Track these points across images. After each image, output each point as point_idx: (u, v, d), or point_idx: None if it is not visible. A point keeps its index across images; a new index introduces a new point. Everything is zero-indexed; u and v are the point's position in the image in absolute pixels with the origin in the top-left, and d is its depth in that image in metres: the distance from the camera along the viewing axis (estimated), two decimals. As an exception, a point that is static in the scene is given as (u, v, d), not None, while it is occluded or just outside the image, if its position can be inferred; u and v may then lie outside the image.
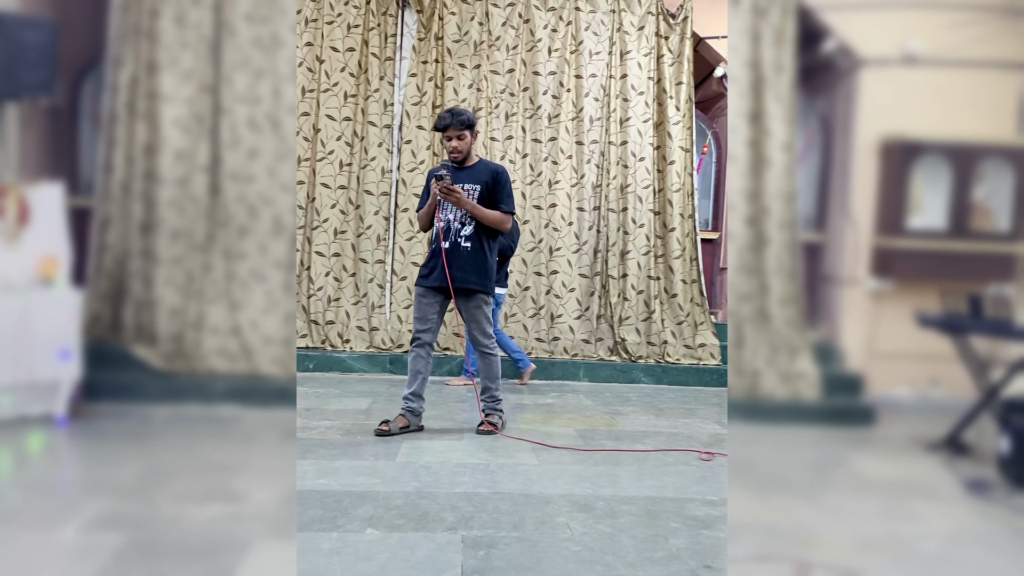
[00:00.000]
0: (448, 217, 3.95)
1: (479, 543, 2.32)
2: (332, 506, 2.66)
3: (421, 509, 2.66)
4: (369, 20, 7.06)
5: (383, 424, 3.92)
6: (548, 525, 2.54)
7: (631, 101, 7.21)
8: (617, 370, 6.85)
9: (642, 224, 7.17)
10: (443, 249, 3.89)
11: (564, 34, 7.17)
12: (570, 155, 7.18)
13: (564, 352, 7.06)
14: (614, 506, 2.80)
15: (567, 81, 7.16)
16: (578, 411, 5.06)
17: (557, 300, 7.11)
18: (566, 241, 7.15)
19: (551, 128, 7.17)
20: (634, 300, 7.11)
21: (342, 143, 7.04)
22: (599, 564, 2.19)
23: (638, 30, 7.21)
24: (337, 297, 6.98)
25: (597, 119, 7.21)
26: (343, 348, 6.87)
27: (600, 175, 7.21)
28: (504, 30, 7.13)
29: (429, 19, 7.10)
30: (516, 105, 7.13)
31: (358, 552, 2.21)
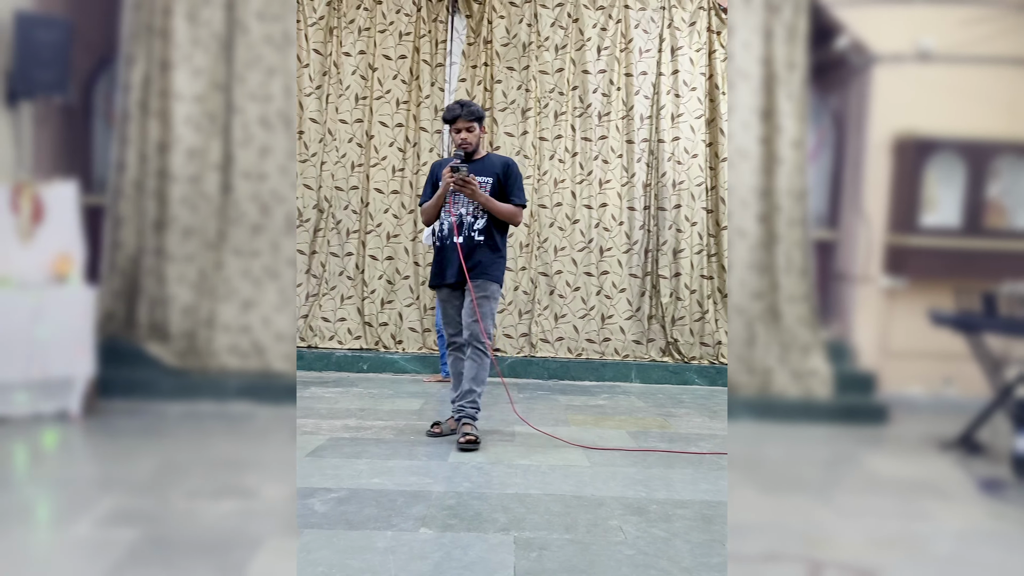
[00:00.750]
0: (460, 211, 3.82)
1: (531, 544, 2.32)
2: (387, 505, 2.67)
3: (473, 509, 2.66)
4: (420, 27, 7.14)
5: (434, 426, 3.93)
6: (601, 528, 2.52)
7: (683, 97, 7.15)
8: (670, 371, 6.77)
9: (695, 222, 7.11)
10: (457, 244, 3.76)
11: (614, 32, 7.15)
12: (620, 154, 7.15)
13: (615, 353, 7.02)
14: (668, 510, 2.76)
15: (617, 79, 7.14)
16: (630, 413, 5.01)
17: (608, 300, 7.08)
18: (616, 241, 7.12)
19: (601, 126, 7.15)
20: (687, 300, 7.04)
21: (394, 149, 7.14)
22: (654, 569, 2.16)
23: (689, 26, 7.17)
24: (390, 299, 7.06)
25: (647, 117, 7.17)
26: (396, 350, 6.96)
27: (650, 173, 7.18)
28: (553, 30, 7.15)
29: (478, 24, 7.15)
30: (565, 104, 7.13)
31: (412, 551, 2.22)
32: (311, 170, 7.12)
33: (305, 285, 7.08)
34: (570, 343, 6.99)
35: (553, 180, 7.12)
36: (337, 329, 6.98)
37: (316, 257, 7.12)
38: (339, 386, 5.67)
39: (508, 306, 7.00)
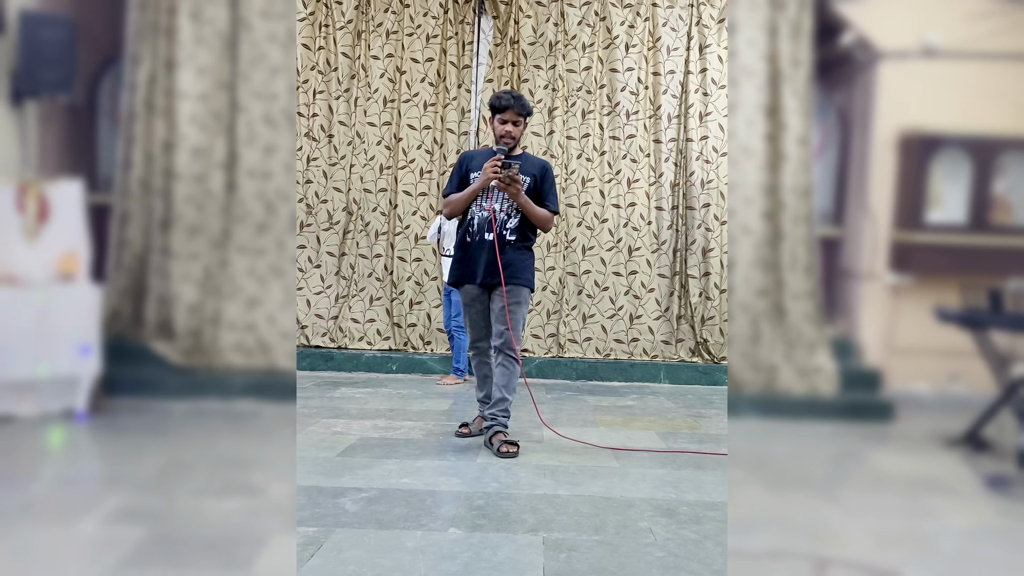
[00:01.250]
0: (495, 207, 3.62)
1: (560, 546, 2.31)
2: (416, 505, 2.67)
3: (502, 510, 2.66)
4: (447, 29, 7.16)
5: (463, 427, 3.87)
6: (630, 529, 2.50)
7: (711, 95, 7.13)
8: (699, 372, 6.73)
9: (724, 221, 7.04)
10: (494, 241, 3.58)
11: (642, 30, 7.14)
12: (648, 153, 7.14)
13: (644, 353, 7.00)
14: (699, 511, 2.73)
15: (645, 78, 7.13)
16: (659, 413, 4.97)
17: (636, 300, 7.07)
18: (645, 241, 7.10)
19: (630, 125, 7.13)
20: (717, 299, 7.00)
21: (422, 151, 7.16)
22: (684, 571, 2.14)
23: (718, 23, 7.13)
24: (419, 300, 7.09)
25: (676, 116, 7.16)
26: (424, 350, 6.99)
27: (678, 173, 7.16)
28: (580, 28, 7.15)
29: (505, 24, 7.15)
30: (593, 102, 7.12)
31: (441, 551, 2.22)
32: (340, 173, 7.16)
33: (335, 287, 7.11)
34: (598, 343, 6.98)
35: (581, 179, 7.11)
36: (367, 330, 7.01)
37: (345, 259, 7.15)
38: (368, 386, 5.69)
39: (536, 306, 6.99)
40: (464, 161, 3.77)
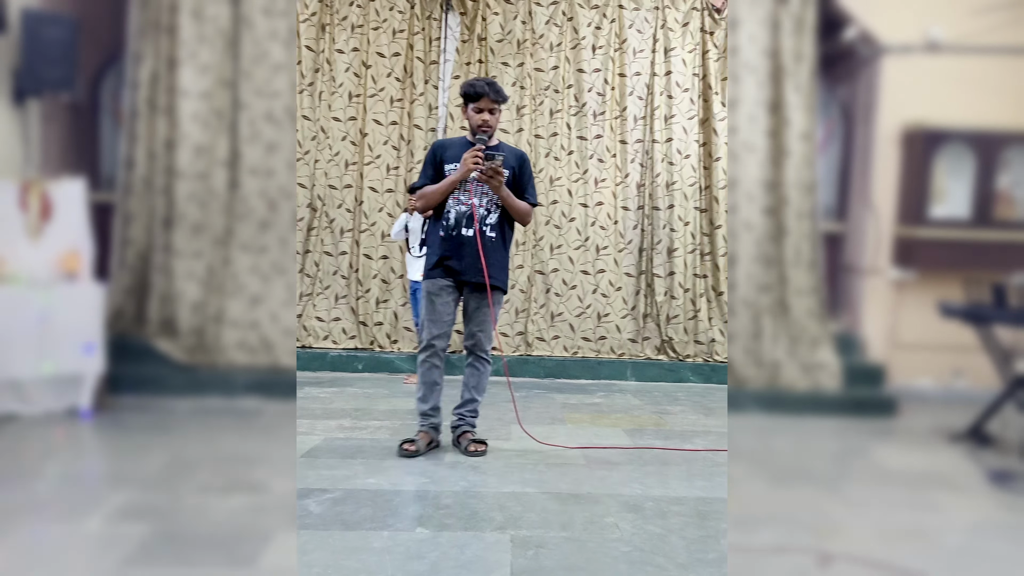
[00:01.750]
0: (474, 201, 3.43)
1: (528, 543, 2.31)
2: (382, 505, 2.66)
3: (470, 508, 2.66)
4: (414, 24, 7.12)
5: (407, 444, 3.44)
6: (597, 525, 2.52)
7: (676, 98, 7.18)
8: (665, 369, 6.80)
9: (688, 221, 7.13)
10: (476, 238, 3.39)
11: (608, 32, 7.15)
12: (615, 153, 7.17)
13: (611, 351, 7.03)
14: (664, 507, 2.76)
15: (611, 79, 7.15)
16: (626, 411, 5.01)
17: (604, 299, 7.09)
18: (612, 240, 7.13)
19: (596, 125, 7.15)
20: (681, 298, 7.06)
21: (388, 147, 7.11)
22: (650, 565, 2.16)
23: (682, 26, 7.18)
24: (385, 299, 7.03)
25: (641, 117, 7.19)
26: (391, 349, 6.93)
27: (644, 174, 7.19)
28: (548, 28, 7.14)
29: (472, 20, 7.13)
30: (561, 102, 7.13)
31: (409, 551, 2.21)
32: (304, 168, 7.07)
33: (299, 284, 7.03)
34: (566, 341, 6.99)
35: (549, 178, 7.11)
36: (332, 329, 6.95)
37: (310, 256, 7.07)
38: (334, 386, 5.64)
39: (505, 304, 6.97)
40: (437, 151, 3.54)
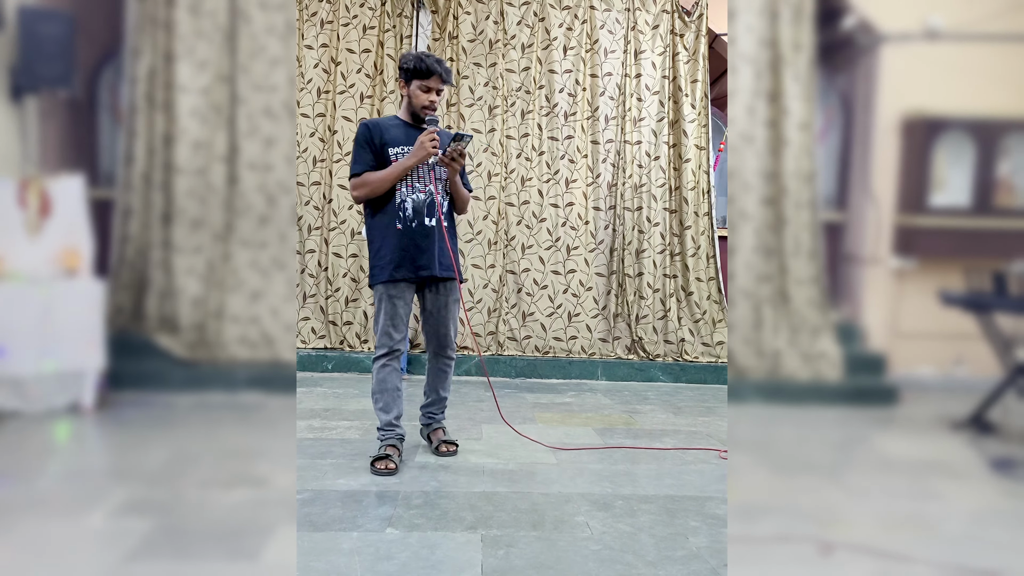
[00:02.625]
0: (430, 188, 3.16)
1: (499, 542, 2.32)
2: (352, 506, 2.65)
3: (440, 508, 2.65)
4: (384, 22, 7.06)
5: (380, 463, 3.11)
6: (567, 524, 2.53)
7: (645, 101, 7.20)
8: (635, 369, 6.82)
9: (657, 223, 7.16)
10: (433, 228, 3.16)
11: (580, 32, 7.15)
12: (586, 154, 7.18)
13: (582, 351, 7.05)
14: (633, 505, 2.78)
15: (583, 80, 7.15)
16: (596, 410, 5.02)
17: (574, 299, 7.10)
18: (583, 240, 7.14)
19: (568, 126, 7.15)
20: (651, 298, 7.10)
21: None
22: (619, 563, 2.17)
23: (652, 28, 7.19)
24: (355, 298, 6.98)
25: (612, 118, 7.20)
26: (361, 349, 6.87)
27: (616, 174, 7.21)
28: (519, 28, 7.12)
29: (444, 19, 7.09)
30: (532, 103, 7.11)
31: (378, 552, 2.20)
32: None
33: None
34: (537, 341, 6.98)
35: (520, 178, 7.10)
36: (300, 328, 6.91)
37: None
38: (303, 386, 5.58)
39: (477, 304, 6.98)
40: (375, 132, 3.17)
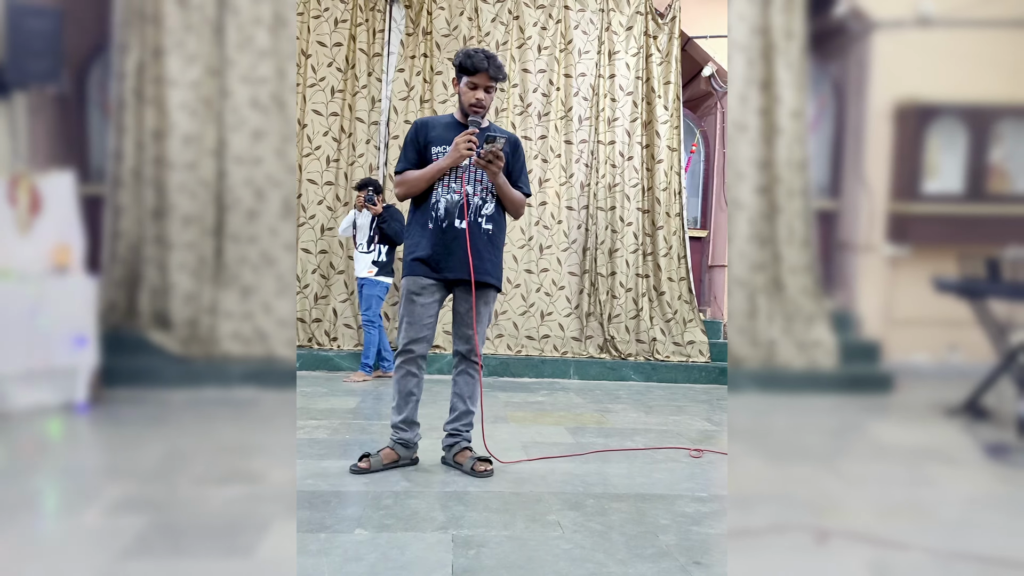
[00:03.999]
0: (467, 190, 3.06)
1: (469, 542, 2.30)
2: (320, 506, 2.61)
3: (411, 509, 2.63)
4: (357, 15, 7.01)
5: (362, 460, 3.07)
6: (539, 523, 2.52)
7: (619, 101, 7.23)
8: (607, 368, 6.85)
9: (630, 223, 7.19)
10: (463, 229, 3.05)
11: (554, 32, 7.15)
12: (559, 154, 7.19)
13: (554, 350, 7.07)
14: (604, 504, 2.78)
15: (556, 80, 7.15)
16: (568, 409, 5.03)
17: (547, 298, 7.12)
18: (556, 239, 7.16)
19: (541, 126, 7.16)
20: (623, 298, 7.13)
21: (329, 139, 7.00)
22: (590, 562, 2.17)
23: (626, 30, 7.21)
24: (324, 295, 6.95)
25: (586, 118, 7.23)
26: (330, 346, 6.84)
27: (589, 174, 7.22)
28: (494, 26, 7.10)
29: (417, 14, 7.06)
30: (506, 101, 7.10)
31: (347, 553, 2.18)
32: None
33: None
34: (510, 340, 6.99)
35: None
36: None
37: None
38: None
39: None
40: (420, 130, 3.13)
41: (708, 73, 7.50)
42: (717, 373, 6.81)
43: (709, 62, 7.42)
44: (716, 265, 7.81)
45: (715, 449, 3.79)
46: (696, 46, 7.45)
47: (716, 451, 3.75)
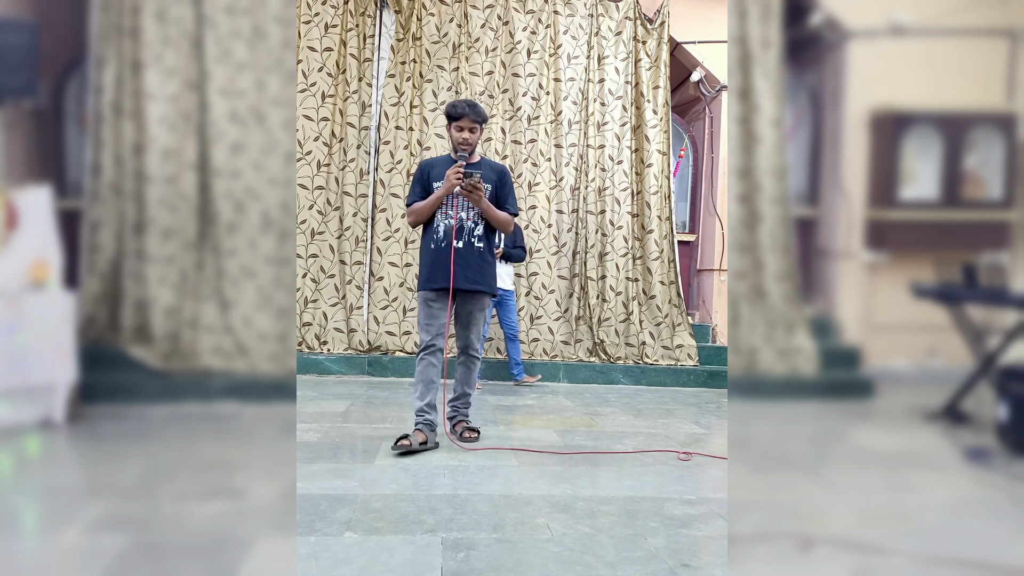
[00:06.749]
0: (461, 215, 3.72)
1: (459, 545, 2.30)
2: (310, 510, 2.61)
3: (400, 512, 2.63)
4: (347, 20, 7.02)
5: (403, 439, 3.56)
6: (528, 526, 2.53)
7: (608, 106, 7.27)
8: (596, 371, 6.89)
9: (620, 226, 7.23)
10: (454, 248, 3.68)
11: (543, 37, 7.18)
12: (549, 157, 7.21)
13: (544, 353, 7.10)
14: (593, 506, 2.79)
15: (546, 84, 7.18)
16: (558, 412, 5.05)
17: (537, 301, 7.15)
18: (545, 243, 7.18)
19: (531, 130, 7.19)
20: (613, 301, 7.16)
21: (320, 143, 7.01)
22: (579, 564, 2.18)
23: (615, 35, 7.26)
24: (315, 299, 6.94)
25: (576, 123, 7.26)
26: (320, 350, 6.83)
27: (578, 178, 7.26)
28: (483, 31, 7.12)
29: (408, 20, 7.07)
30: (496, 107, 7.12)
31: (336, 556, 2.17)
32: None
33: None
34: (500, 344, 7.01)
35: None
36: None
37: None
38: None
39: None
40: (425, 170, 3.84)
41: (696, 78, 7.56)
42: (705, 377, 6.83)
43: (697, 67, 7.48)
44: (704, 269, 7.85)
45: (704, 452, 3.81)
46: (684, 51, 7.51)
47: (704, 454, 3.76)
